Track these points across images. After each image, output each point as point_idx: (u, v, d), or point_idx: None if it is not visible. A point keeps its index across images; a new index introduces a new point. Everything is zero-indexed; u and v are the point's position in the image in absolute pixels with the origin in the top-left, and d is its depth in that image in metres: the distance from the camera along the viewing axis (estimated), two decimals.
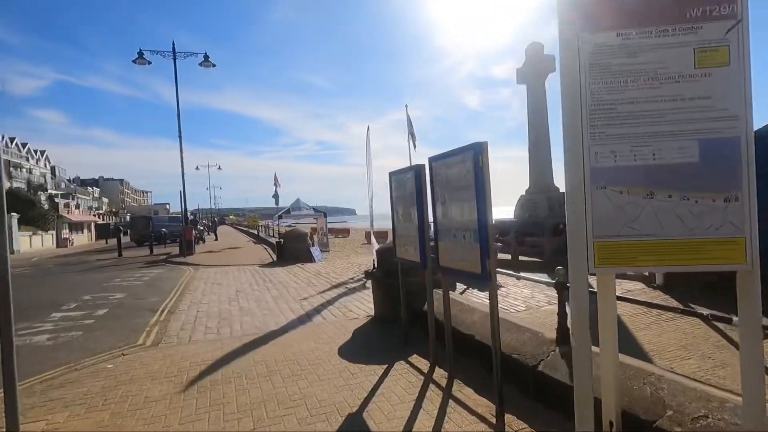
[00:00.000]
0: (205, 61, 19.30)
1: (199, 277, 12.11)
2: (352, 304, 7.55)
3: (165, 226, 30.77)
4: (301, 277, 11.52)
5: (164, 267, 15.44)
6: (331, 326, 6.04)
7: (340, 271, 12.54)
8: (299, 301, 8.07)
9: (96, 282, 11.80)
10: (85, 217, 46.93)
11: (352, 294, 8.63)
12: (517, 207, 14.34)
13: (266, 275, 12.07)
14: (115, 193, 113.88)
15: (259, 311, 7.36)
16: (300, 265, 14.34)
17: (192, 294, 9.29)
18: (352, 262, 14.92)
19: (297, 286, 10.03)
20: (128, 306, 8.18)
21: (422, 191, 4.22)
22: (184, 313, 7.40)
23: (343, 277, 11.27)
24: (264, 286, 10.12)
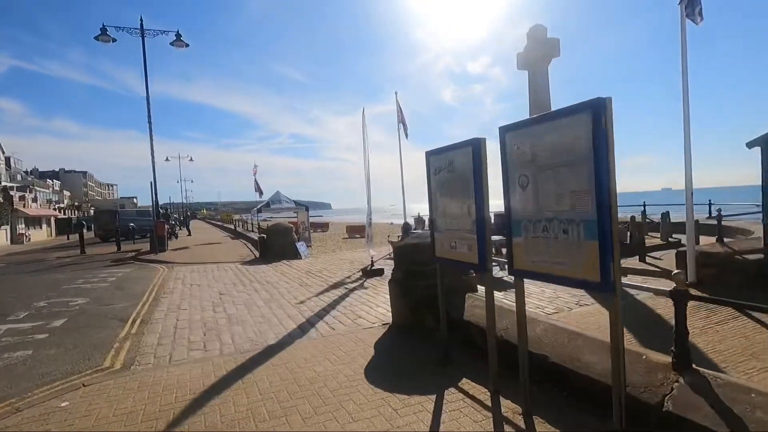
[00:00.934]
0: (177, 40, 17.67)
1: (175, 277, 10.82)
2: (359, 309, 6.57)
3: (133, 221, 28.73)
4: (291, 275, 10.43)
5: (133, 265, 13.97)
6: (344, 339, 5.04)
7: (332, 268, 11.50)
8: (296, 306, 7.02)
9: (53, 284, 10.33)
10: (43, 211, 43.61)
11: (354, 295, 7.65)
12: None
13: (251, 274, 10.91)
14: (77, 187, 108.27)
15: (251, 319, 6.28)
16: (286, 262, 13.21)
17: (168, 298, 8.07)
18: (341, 258, 13.89)
19: (288, 286, 8.96)
20: (92, 314, 6.92)
21: (482, 172, 3.28)
22: (160, 322, 6.24)
23: (338, 275, 10.25)
24: (251, 287, 8.99)
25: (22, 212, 35.45)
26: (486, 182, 3.29)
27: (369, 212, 9.80)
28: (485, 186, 3.29)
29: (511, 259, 3.00)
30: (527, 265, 2.86)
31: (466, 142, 3.41)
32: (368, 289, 8.19)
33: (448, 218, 3.76)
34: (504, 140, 2.95)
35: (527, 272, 2.89)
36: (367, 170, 9.44)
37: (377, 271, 9.90)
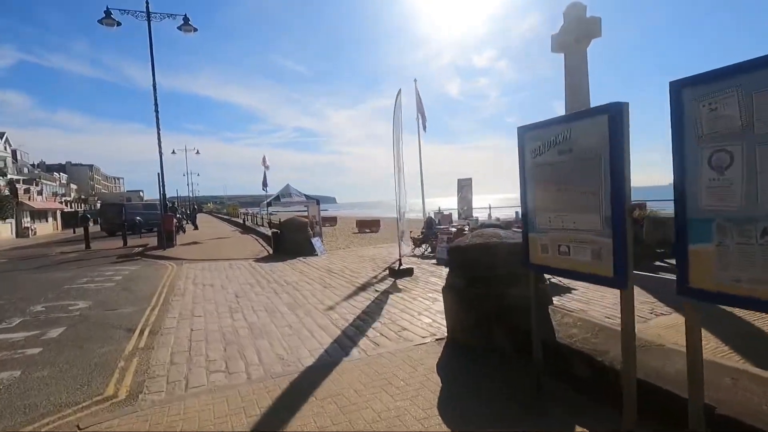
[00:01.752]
0: (184, 24, 16.77)
1: (185, 276, 9.99)
2: (400, 318, 5.69)
3: (139, 215, 28.05)
4: (311, 275, 9.56)
5: (140, 262, 13.17)
6: (396, 360, 4.15)
7: (354, 267, 10.63)
8: (325, 313, 6.14)
9: (55, 283, 9.53)
10: (49, 205, 43.04)
11: (387, 300, 6.76)
12: None
13: (267, 273, 10.05)
14: (84, 180, 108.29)
15: (276, 329, 5.40)
16: (302, 260, 12.35)
17: (179, 301, 7.23)
18: (360, 255, 13.02)
19: (311, 288, 8.09)
20: (94, 322, 6.07)
21: (624, 150, 2.35)
22: (172, 333, 5.38)
23: (362, 275, 9.37)
24: (269, 289, 8.13)
25: (27, 205, 34.88)
26: (628, 164, 2.36)
27: (400, 206, 8.89)
28: (627, 169, 2.36)
29: (684, 273, 2.07)
30: (715, 284, 1.94)
31: (598, 108, 2.48)
32: (402, 292, 7.31)
33: (555, 213, 2.83)
34: (680, 99, 2.01)
35: (713, 295, 1.97)
36: (398, 159, 8.51)
37: (406, 271, 9.01)
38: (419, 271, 9.26)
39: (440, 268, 9.77)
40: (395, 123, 8.52)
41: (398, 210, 9.14)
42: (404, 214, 9.11)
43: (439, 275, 8.87)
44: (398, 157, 8.56)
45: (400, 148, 8.56)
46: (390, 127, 8.69)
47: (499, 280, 4.09)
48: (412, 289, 7.51)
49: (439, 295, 6.97)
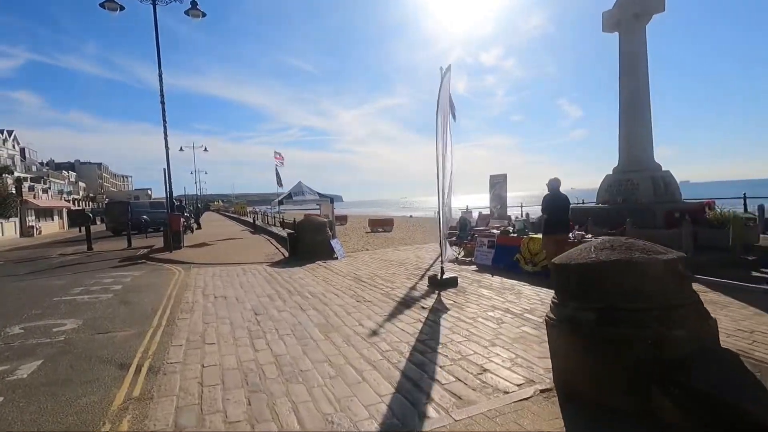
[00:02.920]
0: (192, 8, 15.56)
1: (194, 285, 8.76)
2: (469, 349, 4.39)
3: (146, 213, 26.95)
4: (337, 284, 8.29)
5: (144, 267, 11.98)
6: (498, 429, 2.85)
7: (382, 273, 9.34)
8: (369, 340, 4.86)
9: (44, 294, 8.32)
10: (55, 203, 42.13)
11: (442, 321, 5.47)
12: (601, 189, 11.27)
13: (287, 282, 8.79)
14: (92, 178, 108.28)
15: (313, 367, 4.12)
16: (322, 264, 11.10)
17: (187, 320, 5.98)
18: (385, 258, 11.73)
19: (342, 302, 6.82)
20: (80, 352, 4.81)
21: None
22: (177, 372, 4.11)
23: (396, 284, 8.09)
24: (293, 303, 6.87)
25: (32, 203, 34.00)
26: None
27: (443, 204, 7.56)
28: None
29: None
30: None
31: None
32: (454, 310, 6.01)
33: None
34: None
35: None
36: (444, 149, 7.19)
37: (450, 281, 7.71)
38: (462, 281, 7.96)
39: (485, 276, 8.45)
40: (440, 107, 7.19)
41: (440, 209, 7.83)
42: (449, 213, 7.78)
43: (488, 286, 7.57)
44: (444, 147, 7.24)
45: (446, 138, 7.23)
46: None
47: (654, 317, 2.78)
48: (465, 306, 6.21)
49: (504, 315, 5.68)
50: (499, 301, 6.42)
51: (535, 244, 8.29)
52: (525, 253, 8.47)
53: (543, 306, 6.05)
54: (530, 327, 5.15)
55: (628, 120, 10.62)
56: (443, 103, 7.16)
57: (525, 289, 7.20)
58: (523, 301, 6.37)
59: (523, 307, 6.07)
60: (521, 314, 5.71)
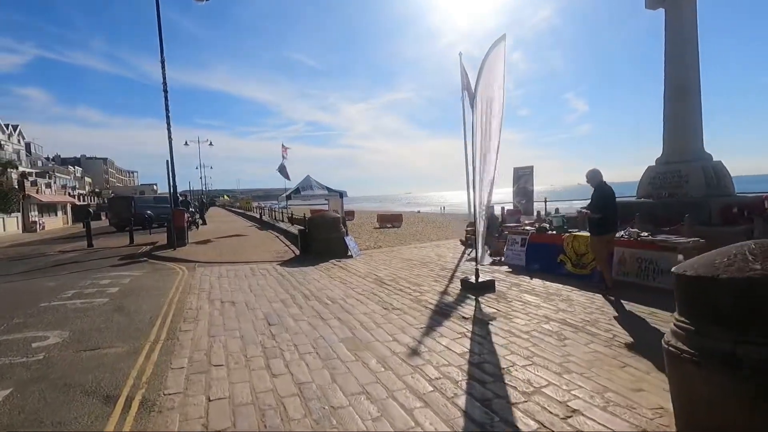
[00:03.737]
0: None
1: (199, 287, 7.93)
2: (537, 377, 3.50)
3: (150, 208, 26.26)
4: (357, 286, 7.42)
5: (146, 266, 11.17)
6: None
7: (404, 273, 8.47)
8: (411, 361, 3.98)
9: (32, 297, 7.50)
10: (58, 198, 41.48)
11: (491, 335, 4.59)
12: (643, 182, 10.30)
13: (300, 283, 7.94)
14: (98, 173, 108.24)
15: (345, 400, 3.25)
16: (337, 263, 10.25)
17: (190, 333, 5.12)
18: (403, 257, 10.86)
19: (366, 309, 5.95)
20: (59, 377, 3.96)
21: None
22: (176, 407, 3.25)
23: (424, 287, 7.21)
24: (310, 309, 6.01)
25: (35, 198, 33.39)
26: None
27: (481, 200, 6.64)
28: None
29: None
30: None
31: None
32: (500, 321, 5.13)
33: None
34: None
35: None
36: (485, 136, 6.25)
37: (486, 285, 6.81)
38: (499, 284, 7.06)
39: (522, 279, 7.53)
40: (482, 88, 6.23)
41: (473, 204, 6.91)
42: (484, 210, 6.86)
43: (530, 290, 6.66)
44: (485, 135, 6.30)
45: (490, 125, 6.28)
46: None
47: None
48: (512, 316, 5.31)
49: (562, 328, 4.72)
50: (551, 310, 5.52)
51: (580, 243, 7.36)
52: (570, 254, 7.55)
53: (604, 317, 5.15)
54: (600, 344, 4.26)
55: (675, 105, 9.62)
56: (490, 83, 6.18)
57: (574, 295, 6.29)
58: (579, 310, 5.47)
59: (582, 317, 5.17)
60: (583, 327, 4.81)
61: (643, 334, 4.51)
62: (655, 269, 6.25)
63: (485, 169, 6.39)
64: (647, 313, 5.22)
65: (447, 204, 72.58)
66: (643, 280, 6.38)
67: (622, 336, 4.49)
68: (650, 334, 4.51)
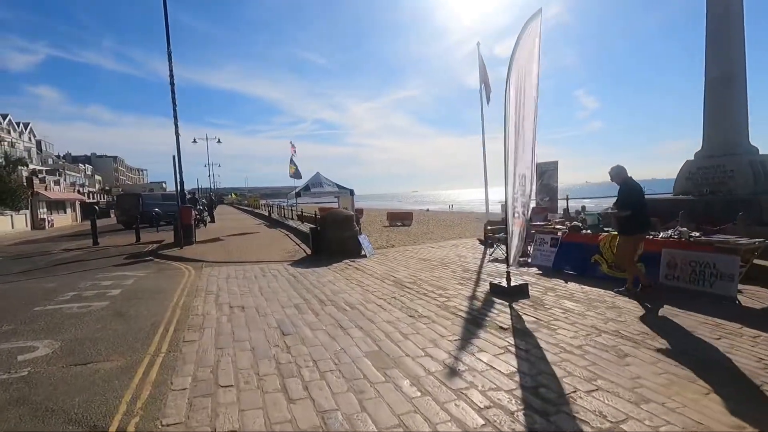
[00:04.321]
0: None
1: (206, 289, 7.40)
2: (603, 400, 2.89)
3: (158, 206, 25.91)
4: (375, 290, 6.84)
5: (151, 265, 10.69)
6: None
7: (426, 276, 7.86)
8: (450, 383, 3.38)
9: (27, 300, 6.99)
10: (68, 195, 41.45)
11: (540, 350, 3.98)
12: (680, 178, 9.57)
13: (314, 285, 7.37)
14: (108, 171, 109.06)
15: None
16: (351, 263, 9.68)
17: (195, 345, 4.56)
18: (422, 257, 10.24)
19: (389, 316, 5.36)
20: (42, 400, 3.39)
21: None
22: None
23: (448, 290, 6.61)
24: (327, 317, 5.44)
25: (43, 195, 33.29)
26: None
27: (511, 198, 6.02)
28: None
29: None
30: None
31: None
32: (543, 331, 4.52)
33: None
34: None
35: None
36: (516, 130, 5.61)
37: (518, 290, 6.20)
38: (532, 289, 6.44)
39: (555, 282, 6.89)
40: (514, 75, 5.60)
41: (507, 202, 6.29)
42: (521, 206, 6.24)
43: (568, 295, 6.03)
44: (519, 125, 5.66)
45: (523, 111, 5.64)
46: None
47: None
48: (556, 327, 4.69)
49: (618, 341, 3.87)
50: (598, 319, 4.89)
51: None
52: (607, 254, 6.89)
53: (663, 328, 4.51)
54: (670, 363, 3.63)
55: (718, 92, 8.87)
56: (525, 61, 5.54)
57: (620, 301, 5.64)
58: (631, 320, 4.83)
59: (637, 329, 4.53)
60: (642, 341, 4.18)
61: (714, 350, 3.88)
62: (713, 274, 5.57)
63: (520, 158, 5.76)
64: (712, 324, 4.56)
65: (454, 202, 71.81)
66: (697, 286, 5.71)
67: (692, 352, 3.86)
68: (723, 348, 3.87)
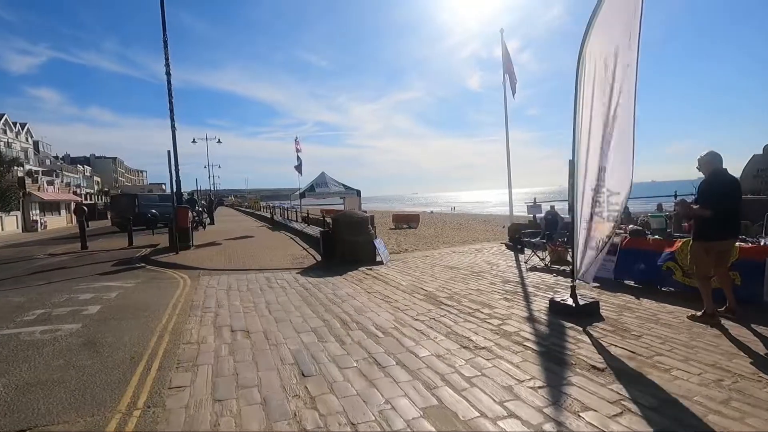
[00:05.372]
0: None
1: (202, 305, 6.19)
2: None
3: (155, 207, 24.71)
4: (406, 307, 5.63)
5: (141, 273, 9.47)
6: None
7: (459, 288, 6.65)
8: None
9: None
10: (62, 196, 40.12)
11: (656, 400, 2.76)
12: (746, 175, 8.38)
13: (332, 301, 6.16)
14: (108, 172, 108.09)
15: None
16: (368, 271, 8.50)
17: (185, 393, 3.36)
18: (446, 265, 9.04)
19: (437, 348, 4.15)
20: None
21: None
22: None
23: (496, 309, 5.41)
24: (356, 347, 4.23)
25: (36, 196, 32.06)
26: None
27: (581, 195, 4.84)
28: None
29: None
30: None
31: None
32: (652, 374, 3.31)
33: None
34: None
35: None
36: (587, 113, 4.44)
37: (589, 309, 5.00)
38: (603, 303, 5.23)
39: (624, 297, 5.66)
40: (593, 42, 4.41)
41: (577, 198, 5.10)
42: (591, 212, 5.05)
43: (650, 316, 4.82)
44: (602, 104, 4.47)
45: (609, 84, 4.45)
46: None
47: None
48: (665, 364, 3.49)
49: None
50: (716, 355, 3.68)
51: None
52: (684, 261, 5.69)
53: None
54: None
55: None
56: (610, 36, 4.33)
57: (729, 326, 4.42)
58: (762, 359, 3.62)
59: None
60: None
61: None
62: None
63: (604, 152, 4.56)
64: None
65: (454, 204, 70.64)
66: None
67: None
68: None
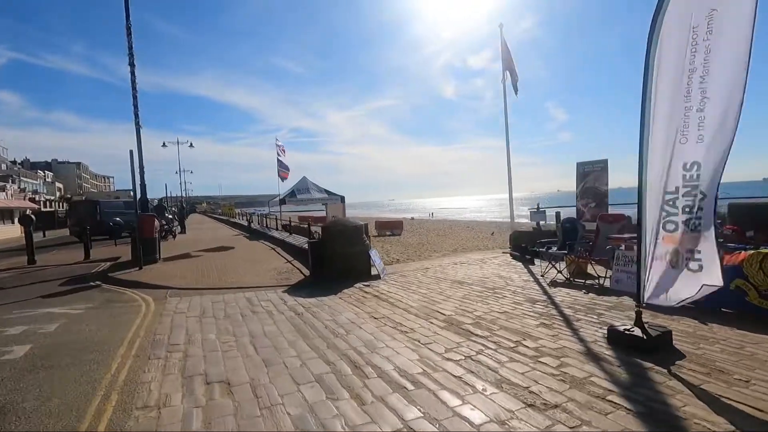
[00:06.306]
0: None
1: (168, 342, 4.86)
2: None
3: (119, 215, 22.75)
4: (428, 339, 4.48)
5: (95, 295, 7.98)
6: None
7: (480, 309, 5.57)
8: None
9: None
10: (16, 203, 36.96)
11: None
12: None
13: (333, 331, 4.95)
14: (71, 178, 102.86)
15: None
16: (366, 288, 7.33)
17: None
18: (453, 279, 7.97)
19: (490, 405, 3.02)
20: None
21: None
22: None
23: (539, 339, 4.34)
24: (382, 411, 3.05)
25: None
26: None
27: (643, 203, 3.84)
28: None
29: None
30: None
31: None
32: None
33: None
34: None
35: None
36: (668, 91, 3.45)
37: (661, 341, 3.99)
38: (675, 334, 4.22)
39: (684, 322, 4.68)
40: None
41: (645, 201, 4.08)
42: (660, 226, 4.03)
43: (736, 348, 3.81)
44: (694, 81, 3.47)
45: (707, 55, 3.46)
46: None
47: None
48: None
49: None
50: None
51: None
52: (757, 278, 4.78)
53: None
54: None
55: None
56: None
57: None
58: None
59: None
60: None
61: None
62: None
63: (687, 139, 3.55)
64: None
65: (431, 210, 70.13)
66: None
67: None
68: None
